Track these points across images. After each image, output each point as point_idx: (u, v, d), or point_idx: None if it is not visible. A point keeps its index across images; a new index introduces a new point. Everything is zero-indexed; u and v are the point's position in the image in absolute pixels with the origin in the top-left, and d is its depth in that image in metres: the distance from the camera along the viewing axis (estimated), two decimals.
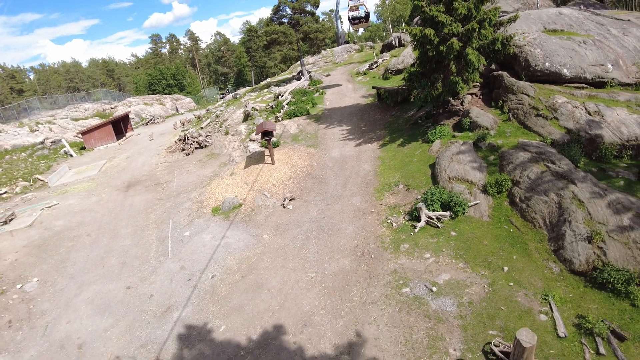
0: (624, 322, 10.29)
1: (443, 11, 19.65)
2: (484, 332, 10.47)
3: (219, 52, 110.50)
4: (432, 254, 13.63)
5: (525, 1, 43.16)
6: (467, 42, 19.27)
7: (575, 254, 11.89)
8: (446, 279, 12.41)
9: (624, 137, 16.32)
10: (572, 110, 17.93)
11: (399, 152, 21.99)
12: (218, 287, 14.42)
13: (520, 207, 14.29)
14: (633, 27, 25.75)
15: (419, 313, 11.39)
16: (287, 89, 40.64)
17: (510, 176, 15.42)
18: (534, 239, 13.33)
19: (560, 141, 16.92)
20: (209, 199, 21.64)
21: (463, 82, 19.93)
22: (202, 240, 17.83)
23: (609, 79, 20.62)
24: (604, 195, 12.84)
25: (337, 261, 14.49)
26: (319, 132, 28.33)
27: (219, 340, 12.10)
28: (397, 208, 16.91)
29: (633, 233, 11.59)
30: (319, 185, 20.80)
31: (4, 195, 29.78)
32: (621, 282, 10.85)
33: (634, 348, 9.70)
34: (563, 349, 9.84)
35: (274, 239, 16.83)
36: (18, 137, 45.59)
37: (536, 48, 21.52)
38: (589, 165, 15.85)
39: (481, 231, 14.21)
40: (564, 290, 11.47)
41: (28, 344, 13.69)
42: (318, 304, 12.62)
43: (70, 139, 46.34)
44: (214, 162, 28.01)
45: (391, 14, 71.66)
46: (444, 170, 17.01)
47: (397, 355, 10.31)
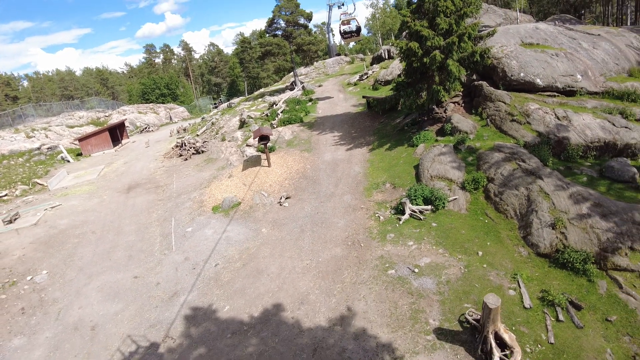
0: (581, 295, 11.87)
1: (427, 26, 21.51)
2: (459, 305, 11.94)
3: (213, 62, 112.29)
4: (415, 242, 15.15)
5: (507, 16, 45.87)
6: (449, 54, 21.12)
7: (541, 239, 13.51)
8: (427, 262, 13.91)
9: (588, 139, 18.16)
10: (543, 116, 19.77)
11: (386, 156, 23.60)
12: (221, 274, 15.72)
13: (494, 201, 15.93)
14: (602, 41, 28.03)
15: (402, 290, 12.84)
16: (281, 98, 42.29)
17: (486, 174, 17.11)
18: (505, 227, 14.95)
19: (531, 143, 18.71)
20: (209, 198, 22.94)
21: (445, 90, 21.72)
22: (204, 234, 19.11)
23: (578, 88, 22.60)
24: (566, 188, 14.54)
25: (330, 250, 15.92)
26: (312, 138, 29.89)
27: (224, 318, 13.38)
28: (384, 204, 18.45)
29: (590, 220, 13.25)
30: (313, 185, 22.27)
31: (4, 197, 30.62)
32: (579, 261, 12.46)
33: (589, 315, 11.27)
34: (528, 318, 11.35)
35: (272, 232, 18.21)
36: (15, 143, 46.39)
37: (512, 60, 23.48)
38: (557, 164, 17.62)
39: (459, 222, 15.80)
40: (530, 270, 13.04)
41: (42, 327, 14.75)
42: (313, 285, 13.99)
43: (66, 146, 47.23)
44: (211, 166, 29.33)
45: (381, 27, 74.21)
46: (426, 170, 18.63)
47: (383, 325, 11.72)
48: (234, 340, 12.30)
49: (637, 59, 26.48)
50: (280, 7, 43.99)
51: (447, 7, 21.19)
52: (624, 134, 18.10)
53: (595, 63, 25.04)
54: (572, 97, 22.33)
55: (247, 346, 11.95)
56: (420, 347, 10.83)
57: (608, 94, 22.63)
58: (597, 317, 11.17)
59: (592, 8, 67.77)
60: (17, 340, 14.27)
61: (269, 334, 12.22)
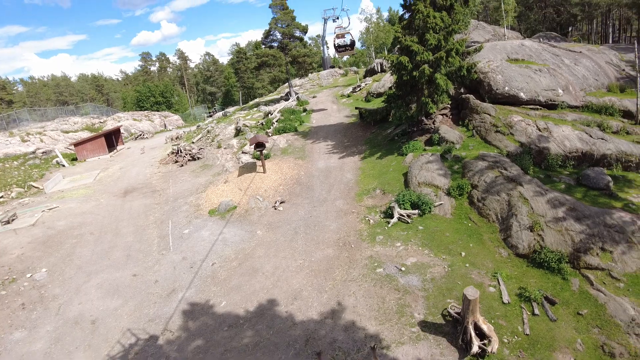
0: (556, 291, 12.79)
1: (417, 41, 22.69)
2: (443, 301, 12.78)
3: (208, 72, 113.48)
4: (402, 243, 16.02)
5: (495, 33, 47.59)
6: (437, 68, 22.28)
7: (520, 241, 14.46)
8: (413, 261, 14.77)
9: (567, 149, 19.32)
10: (525, 127, 20.94)
11: (377, 164, 24.57)
12: (218, 273, 16.40)
13: (478, 206, 16.90)
14: (583, 58, 29.57)
15: (390, 287, 13.66)
16: (276, 108, 43.31)
17: (470, 181, 18.12)
18: (487, 230, 15.90)
19: (514, 153, 19.82)
20: (205, 202, 23.65)
21: (433, 102, 22.83)
22: (201, 236, 19.79)
23: (559, 101, 23.90)
24: (544, 194, 15.56)
25: (322, 250, 16.71)
26: (306, 146, 30.82)
27: (220, 313, 14.05)
28: (374, 208, 19.35)
29: (565, 222, 14.25)
30: (307, 191, 23.11)
31: (0, 199, 30.96)
32: (555, 261, 13.42)
33: (562, 309, 12.17)
34: (506, 312, 12.22)
35: (267, 234, 18.96)
36: (10, 146, 46.65)
37: (498, 74, 24.76)
38: (537, 173, 18.70)
39: (444, 225, 16.72)
40: (510, 270, 13.96)
41: (43, 321, 15.27)
42: (306, 282, 14.75)
43: (61, 150, 47.55)
44: (207, 172, 30.05)
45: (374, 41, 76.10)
46: (414, 177, 19.61)
47: (372, 318, 12.50)
48: (231, 333, 12.98)
49: (615, 75, 27.98)
50: (276, 20, 45.25)
51: (437, 23, 22.41)
52: (600, 145, 19.29)
53: (576, 78, 26.45)
54: (554, 110, 23.61)
55: (243, 338, 12.63)
56: (405, 338, 11.62)
57: (587, 107, 23.96)
58: (569, 311, 12.08)
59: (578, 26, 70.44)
60: (18, 333, 14.76)
61: (264, 327, 12.92)
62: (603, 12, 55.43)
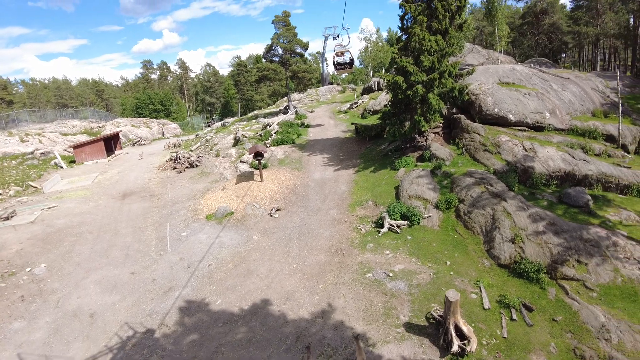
0: (534, 299, 13.62)
1: (412, 62, 23.90)
2: (427, 305, 13.55)
3: (208, 82, 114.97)
4: (391, 251, 16.84)
5: (489, 57, 49.36)
6: (430, 88, 23.46)
7: (502, 252, 15.34)
8: (401, 268, 15.56)
9: (551, 169, 20.40)
10: (512, 147, 22.05)
11: (370, 177, 25.51)
12: (214, 273, 17.06)
13: (464, 219, 17.81)
14: (571, 83, 31.03)
15: (378, 291, 14.41)
16: (275, 120, 44.37)
17: (458, 195, 19.06)
18: (472, 242, 16.77)
19: (500, 170, 20.85)
20: (203, 207, 24.35)
21: (425, 121, 23.95)
22: (198, 239, 20.46)
23: (546, 124, 25.12)
24: (526, 209, 16.52)
25: (315, 256, 17.46)
26: (302, 158, 31.75)
27: (216, 310, 14.69)
28: (366, 218, 20.19)
29: (544, 236, 15.17)
30: (302, 200, 23.93)
31: None
32: (534, 271, 14.29)
33: (539, 316, 12.99)
34: (486, 317, 13.00)
35: (262, 239, 19.69)
36: (9, 146, 47.09)
37: (488, 96, 26.00)
38: (522, 190, 19.71)
39: (431, 236, 17.59)
40: (491, 278, 14.79)
41: (42, 313, 15.77)
42: (298, 285, 15.46)
43: (60, 152, 48.05)
44: (205, 179, 30.79)
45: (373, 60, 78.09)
46: (405, 190, 20.53)
47: (359, 319, 13.22)
48: (225, 329, 13.61)
49: (600, 101, 29.40)
50: (278, 35, 46.73)
51: (432, 46, 23.67)
52: (582, 166, 20.39)
53: (563, 103, 27.79)
54: (541, 132, 24.80)
55: (237, 333, 13.27)
56: (390, 337, 12.34)
57: (572, 131, 25.19)
58: (545, 317, 12.89)
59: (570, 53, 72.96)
60: (17, 324, 15.23)
61: (257, 324, 13.58)
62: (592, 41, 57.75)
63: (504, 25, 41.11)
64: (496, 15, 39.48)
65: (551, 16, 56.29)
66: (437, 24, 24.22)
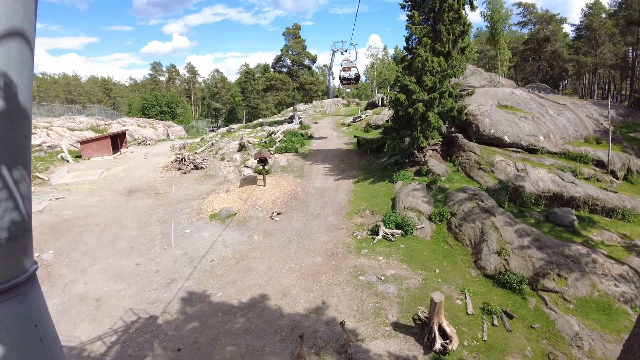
0: (514, 308, 14.54)
1: (414, 82, 25.14)
2: (414, 307, 14.46)
3: (215, 88, 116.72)
4: (384, 257, 17.79)
5: (491, 79, 50.85)
6: (430, 107, 24.65)
7: (488, 263, 16.30)
8: (392, 273, 16.50)
9: (540, 189, 21.46)
10: (505, 167, 23.15)
11: (369, 188, 26.55)
12: (216, 268, 17.98)
13: (454, 231, 18.80)
14: (566, 110, 32.31)
15: (369, 292, 15.34)
16: (280, 129, 45.59)
17: (450, 209, 20.09)
18: (461, 253, 17.74)
19: (492, 188, 21.90)
20: (207, 207, 25.32)
21: (424, 137, 25.09)
22: (201, 236, 21.40)
23: (540, 147, 26.27)
24: (513, 224, 17.53)
25: (312, 257, 18.40)
26: (305, 166, 32.83)
27: (216, 302, 15.58)
28: (363, 226, 21.17)
29: (529, 250, 16.16)
30: (302, 206, 24.92)
31: None
32: (516, 282, 15.24)
33: (518, 323, 13.91)
34: (469, 321, 13.91)
35: (263, 240, 20.64)
36: None
37: (486, 117, 27.19)
38: (512, 207, 20.74)
39: (423, 246, 18.55)
40: (477, 287, 15.72)
41: (50, 295, 16.59)
42: (295, 283, 16.38)
43: (66, 147, 49.10)
44: (210, 181, 31.81)
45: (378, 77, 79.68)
46: (401, 202, 21.55)
47: (351, 316, 14.13)
48: (225, 319, 14.49)
49: (593, 128, 30.62)
50: (288, 47, 48.23)
51: (434, 67, 24.92)
52: (570, 188, 21.46)
53: (557, 128, 29.00)
54: (534, 155, 25.93)
55: (235, 323, 14.15)
56: (379, 334, 13.24)
57: (565, 154, 26.34)
58: (524, 324, 13.80)
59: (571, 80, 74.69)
60: None
61: (255, 316, 14.47)
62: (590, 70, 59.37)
63: (505, 50, 42.57)
64: (499, 40, 40.94)
65: (553, 44, 58.03)
66: (440, 46, 25.51)
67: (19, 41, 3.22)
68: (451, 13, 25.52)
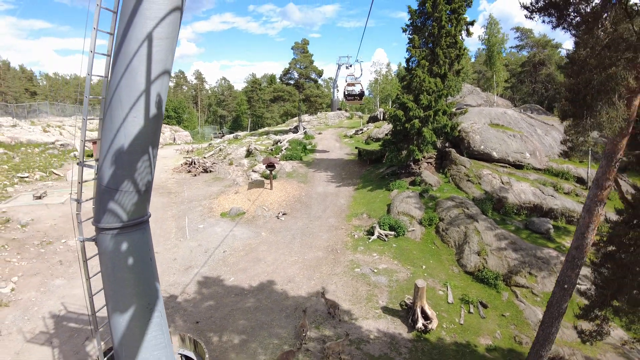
0: (489, 299, 16.72)
1: (412, 100, 27.59)
2: (402, 295, 16.63)
3: (222, 95, 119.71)
4: (378, 254, 20.01)
5: (487, 99, 53.44)
6: (425, 123, 27.05)
7: (469, 261, 18.50)
8: (384, 267, 18.71)
9: (522, 200, 23.74)
10: (491, 180, 25.46)
11: (367, 195, 28.83)
12: (228, 258, 20.18)
13: (441, 234, 21.04)
14: (554, 130, 34.70)
15: (363, 282, 17.52)
16: (285, 138, 48.03)
17: (439, 215, 22.35)
18: (446, 253, 19.96)
19: (478, 198, 24.19)
20: (218, 206, 27.57)
21: (419, 151, 27.45)
22: (214, 231, 23.62)
23: (525, 163, 28.60)
24: (493, 229, 19.78)
25: (314, 252, 20.61)
26: (308, 173, 35.15)
27: (229, 285, 17.75)
28: (360, 227, 23.40)
29: (505, 252, 18.38)
30: (305, 208, 27.18)
31: (26, 178, 34.42)
32: (492, 278, 17.43)
33: (491, 312, 16.08)
34: (449, 308, 16.09)
35: (270, 236, 22.85)
36: (32, 134, 50.25)
37: (477, 135, 29.59)
38: (495, 216, 23.00)
39: (413, 246, 20.78)
40: (458, 281, 17.91)
41: (79, 275, 18.71)
42: (299, 272, 18.57)
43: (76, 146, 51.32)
44: (219, 184, 34.10)
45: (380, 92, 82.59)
46: (395, 207, 23.82)
47: (346, 300, 16.30)
48: (237, 299, 16.65)
49: None
50: (296, 61, 50.94)
51: (431, 87, 27.40)
52: (549, 200, 23.72)
53: (544, 146, 31.38)
54: (520, 170, 28.27)
55: (246, 302, 16.31)
56: (370, 315, 15.40)
57: (548, 171, 28.67)
58: (497, 313, 15.97)
59: None
60: (58, 281, 18.21)
61: (263, 297, 16.64)
62: None
63: (501, 72, 45.27)
64: (494, 63, 43.61)
65: (548, 67, 60.82)
66: (437, 68, 28.04)
67: (166, 75, 5.56)
68: (448, 38, 28.11)
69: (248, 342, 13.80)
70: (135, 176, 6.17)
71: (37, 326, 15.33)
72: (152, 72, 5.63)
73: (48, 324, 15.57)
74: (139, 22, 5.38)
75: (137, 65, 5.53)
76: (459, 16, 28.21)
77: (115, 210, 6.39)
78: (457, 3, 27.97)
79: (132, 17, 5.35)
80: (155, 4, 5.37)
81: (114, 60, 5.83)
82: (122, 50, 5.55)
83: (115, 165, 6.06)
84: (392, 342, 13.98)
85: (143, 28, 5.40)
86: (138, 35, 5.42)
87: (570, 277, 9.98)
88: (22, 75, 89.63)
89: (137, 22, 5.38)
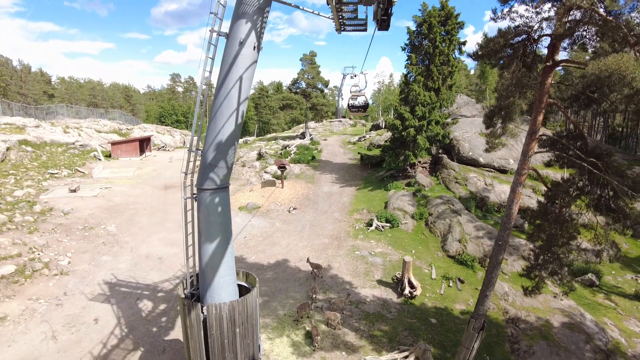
0: (466, 277, 20.19)
1: (408, 111, 31.23)
2: (394, 272, 20.10)
3: None
4: (375, 241, 23.52)
5: (481, 110, 56.89)
6: (420, 132, 30.65)
7: (451, 247, 21.97)
8: (380, 251, 22.21)
9: (502, 200, 27.24)
10: (476, 181, 28.98)
11: (367, 194, 32.37)
12: (249, 242, 23.70)
13: (430, 226, 24.55)
14: None
15: (362, 261, 21.02)
16: (293, 143, 51.71)
17: (428, 210, 25.87)
18: (433, 241, 23.47)
19: (464, 197, 27.71)
20: (235, 202, 31.08)
21: (414, 156, 31.03)
22: (234, 221, 26.61)
23: (509, 168, 32.11)
24: (473, 222, 23.29)
25: (321, 239, 24.12)
26: (315, 175, 38.74)
27: (251, 262, 21.24)
28: (360, 220, 26.94)
29: (482, 240, 21.87)
30: (313, 204, 30.71)
31: (55, 174, 37.75)
32: (470, 260, 20.91)
33: (467, 286, 19.56)
34: (432, 283, 19.55)
35: (283, 226, 26.38)
36: (54, 135, 53.33)
37: (466, 142, 33.18)
38: (477, 212, 26.53)
39: (405, 235, 24.31)
40: (441, 263, 21.39)
41: (122, 253, 22.21)
42: (308, 253, 22.07)
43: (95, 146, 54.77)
44: (234, 183, 37.59)
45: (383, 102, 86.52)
46: (391, 203, 27.36)
47: (348, 274, 19.79)
48: (258, 272, 20.12)
49: None
50: (304, 72, 54.81)
51: (425, 100, 31.02)
52: (526, 200, 27.15)
53: None
54: (504, 174, 31.80)
55: (266, 274, 19.80)
56: (367, 285, 18.88)
57: (530, 176, 32.10)
58: (471, 287, 19.42)
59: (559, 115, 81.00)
60: (105, 257, 21.65)
61: (280, 271, 20.13)
62: None
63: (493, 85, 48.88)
64: (487, 77, 47.30)
65: None
66: (432, 83, 31.69)
67: (247, 99, 9.21)
68: (442, 57, 31.79)
69: (269, 302, 17.27)
70: (226, 158, 9.84)
71: (94, 290, 18.73)
72: (240, 98, 9.49)
73: (103, 289, 19.00)
74: (235, 70, 9.24)
75: (233, 94, 9.40)
76: (452, 37, 31.92)
77: (213, 178, 10.01)
78: (451, 26, 31.70)
79: (231, 66, 9.16)
80: (244, 59, 9.17)
81: (217, 90, 9.63)
82: (223, 84, 9.35)
83: (216, 151, 9.68)
84: (384, 304, 17.45)
85: (236, 73, 9.23)
86: (234, 77, 9.25)
87: (502, 236, 13.50)
88: (41, 79, 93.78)
89: (233, 70, 9.24)
